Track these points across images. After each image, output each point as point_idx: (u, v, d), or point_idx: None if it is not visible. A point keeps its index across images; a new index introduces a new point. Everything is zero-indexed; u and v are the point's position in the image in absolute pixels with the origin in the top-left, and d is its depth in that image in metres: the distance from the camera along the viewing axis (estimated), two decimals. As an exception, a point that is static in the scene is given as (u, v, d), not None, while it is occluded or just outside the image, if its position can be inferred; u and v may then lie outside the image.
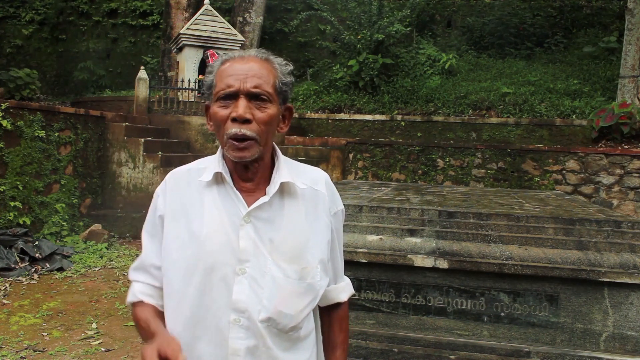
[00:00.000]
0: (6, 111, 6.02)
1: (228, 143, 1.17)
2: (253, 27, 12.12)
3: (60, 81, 15.67)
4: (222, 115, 1.18)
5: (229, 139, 1.17)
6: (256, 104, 1.18)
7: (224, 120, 1.18)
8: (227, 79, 1.18)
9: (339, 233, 1.36)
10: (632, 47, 8.34)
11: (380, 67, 10.15)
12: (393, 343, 2.32)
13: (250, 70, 1.18)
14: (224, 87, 1.18)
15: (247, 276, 1.17)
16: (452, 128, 9.23)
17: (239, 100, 1.17)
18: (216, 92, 1.20)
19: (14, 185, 6.13)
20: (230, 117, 1.17)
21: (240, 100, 1.17)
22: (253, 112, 1.17)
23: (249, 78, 1.17)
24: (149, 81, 9.01)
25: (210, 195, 1.23)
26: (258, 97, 1.18)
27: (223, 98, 1.18)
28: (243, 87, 1.17)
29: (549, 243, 2.34)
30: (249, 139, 1.16)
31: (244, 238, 1.18)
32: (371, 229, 2.50)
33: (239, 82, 1.17)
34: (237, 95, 1.17)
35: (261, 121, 1.18)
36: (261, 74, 1.19)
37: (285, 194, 1.25)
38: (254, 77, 1.18)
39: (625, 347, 2.21)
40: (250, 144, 1.16)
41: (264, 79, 1.19)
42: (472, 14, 13.29)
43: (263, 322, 1.17)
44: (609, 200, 7.20)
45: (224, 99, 1.18)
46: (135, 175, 7.79)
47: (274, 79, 1.21)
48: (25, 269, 5.50)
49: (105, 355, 3.69)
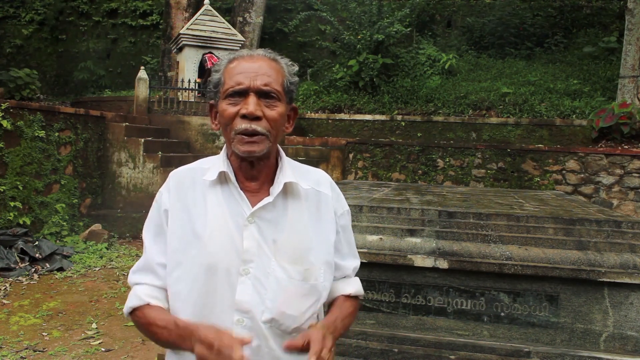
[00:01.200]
0: (6, 111, 6.02)
1: (237, 138, 1.17)
2: (253, 27, 12.12)
3: (60, 81, 15.66)
4: (231, 112, 1.18)
5: (237, 134, 1.17)
6: (265, 102, 1.18)
7: (233, 117, 1.18)
8: (236, 77, 1.18)
9: (346, 231, 1.35)
10: (632, 47, 8.34)
11: (380, 67, 10.15)
12: (393, 343, 2.32)
13: (260, 69, 1.18)
14: (233, 84, 1.18)
15: (251, 277, 1.17)
16: (452, 128, 9.23)
17: (248, 97, 1.17)
18: (225, 89, 1.19)
19: (14, 185, 6.13)
20: (240, 113, 1.17)
21: (251, 98, 1.17)
22: (263, 110, 1.17)
23: (259, 76, 1.18)
24: (149, 81, 9.01)
25: (213, 195, 1.23)
26: (268, 95, 1.18)
27: (232, 95, 1.18)
28: (253, 84, 1.17)
29: (549, 243, 2.33)
30: (259, 134, 1.16)
31: (248, 238, 1.18)
32: (371, 229, 2.50)
33: (249, 79, 1.17)
34: (247, 92, 1.17)
35: (271, 119, 1.18)
36: (270, 73, 1.19)
37: (288, 194, 1.24)
38: (264, 75, 1.18)
39: (625, 347, 2.21)
40: (260, 139, 1.17)
41: (274, 78, 1.19)
42: (472, 14, 13.29)
43: (266, 323, 1.17)
44: (609, 200, 7.20)
45: (232, 96, 1.18)
46: (135, 175, 7.79)
47: (283, 78, 1.22)
48: (25, 269, 5.50)
49: (105, 355, 3.69)
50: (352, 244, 1.38)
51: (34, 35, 15.99)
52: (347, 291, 1.35)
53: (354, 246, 1.40)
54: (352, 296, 1.37)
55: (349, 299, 1.35)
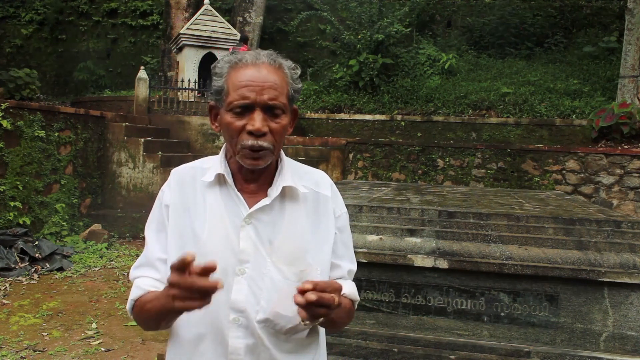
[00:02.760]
0: (6, 111, 6.02)
1: (242, 152, 1.17)
2: (253, 27, 12.12)
3: (60, 81, 15.67)
4: (237, 126, 1.17)
5: (243, 149, 1.17)
6: (271, 114, 1.17)
7: (239, 131, 1.17)
8: (241, 90, 1.16)
9: (343, 233, 1.34)
10: (632, 47, 8.34)
11: (380, 67, 10.15)
12: (393, 343, 2.32)
13: (266, 81, 1.16)
14: (238, 98, 1.16)
15: (247, 277, 1.18)
16: (452, 128, 9.23)
17: (254, 113, 1.16)
18: (229, 101, 1.18)
19: (14, 185, 6.13)
20: (246, 129, 1.16)
21: (257, 114, 1.15)
22: (269, 124, 1.17)
23: (265, 90, 1.16)
24: (149, 81, 9.02)
25: (212, 195, 1.23)
26: (273, 108, 1.17)
27: (237, 108, 1.17)
28: (260, 99, 1.15)
29: (549, 243, 2.33)
30: (264, 149, 1.16)
31: (244, 239, 1.19)
32: (371, 229, 2.50)
33: (255, 93, 1.15)
34: (253, 107, 1.16)
35: (276, 132, 1.18)
36: (276, 85, 1.17)
37: (287, 196, 1.25)
38: (270, 88, 1.16)
39: (625, 347, 2.21)
40: (265, 154, 1.17)
41: (279, 90, 1.18)
42: (472, 14, 13.29)
43: (260, 323, 1.18)
44: (609, 200, 7.20)
45: (238, 108, 1.17)
46: (135, 175, 7.79)
47: (287, 87, 1.21)
48: (25, 269, 5.50)
49: (105, 355, 3.69)
50: (349, 246, 1.37)
51: (34, 35, 15.99)
52: (342, 290, 1.31)
53: (352, 249, 1.38)
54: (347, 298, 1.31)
55: (345, 298, 1.29)
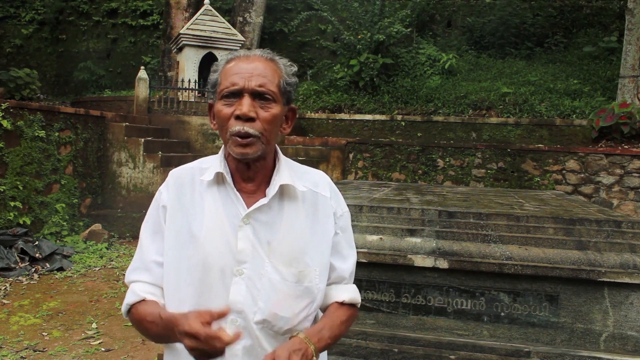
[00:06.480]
0: (6, 111, 6.02)
1: (231, 139, 1.17)
2: (253, 27, 12.12)
3: (60, 81, 15.66)
4: (226, 113, 1.18)
5: (232, 136, 1.17)
6: (260, 103, 1.18)
7: (228, 118, 1.18)
8: (231, 77, 1.18)
9: (346, 232, 1.33)
10: (632, 47, 8.34)
11: (381, 67, 10.15)
12: (393, 343, 2.32)
13: (255, 70, 1.19)
14: (228, 85, 1.18)
15: (245, 277, 1.18)
16: (452, 128, 9.23)
17: (243, 98, 1.17)
18: (220, 90, 1.20)
19: (14, 185, 6.13)
20: (234, 114, 1.17)
21: (245, 99, 1.17)
22: (257, 111, 1.17)
23: (254, 77, 1.18)
24: (149, 81, 9.01)
25: (210, 195, 1.23)
26: (262, 96, 1.18)
27: (227, 96, 1.19)
28: (247, 85, 1.17)
29: (549, 243, 2.33)
30: (252, 136, 1.16)
31: (242, 239, 1.19)
32: (371, 229, 2.50)
33: (244, 80, 1.17)
34: (242, 93, 1.17)
35: (265, 120, 1.18)
36: (266, 73, 1.19)
37: (285, 196, 1.24)
38: (258, 76, 1.18)
39: (625, 347, 2.21)
40: (253, 141, 1.17)
41: (269, 78, 1.19)
42: (472, 14, 13.28)
43: (258, 324, 1.18)
44: (609, 200, 7.20)
45: (228, 97, 1.19)
46: (135, 175, 7.79)
47: (279, 78, 1.21)
48: (25, 269, 5.50)
49: (105, 355, 3.69)
50: (352, 245, 1.37)
51: (34, 35, 15.98)
52: (341, 298, 1.30)
53: (354, 247, 1.38)
54: (347, 304, 1.32)
55: (343, 307, 1.31)
